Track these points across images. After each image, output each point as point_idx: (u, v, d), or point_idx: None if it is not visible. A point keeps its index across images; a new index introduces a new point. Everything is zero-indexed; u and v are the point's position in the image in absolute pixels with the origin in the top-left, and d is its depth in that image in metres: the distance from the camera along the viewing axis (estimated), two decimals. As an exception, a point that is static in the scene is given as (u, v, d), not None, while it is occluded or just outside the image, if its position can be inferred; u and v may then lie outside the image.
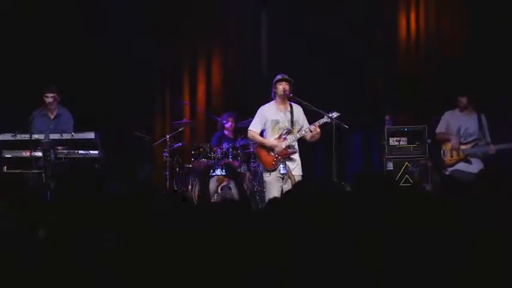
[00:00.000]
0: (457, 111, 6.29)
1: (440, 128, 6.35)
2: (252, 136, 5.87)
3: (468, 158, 6.12)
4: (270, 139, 5.70)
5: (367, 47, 7.93)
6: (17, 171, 5.90)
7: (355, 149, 7.46)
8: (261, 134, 5.81)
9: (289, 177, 5.60)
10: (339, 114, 5.65)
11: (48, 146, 5.85)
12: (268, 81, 6.02)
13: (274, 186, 5.55)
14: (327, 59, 8.11)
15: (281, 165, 5.58)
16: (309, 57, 8.11)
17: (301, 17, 8.33)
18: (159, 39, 8.39)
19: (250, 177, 7.28)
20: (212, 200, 6.85)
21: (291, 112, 5.75)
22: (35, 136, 5.91)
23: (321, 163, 7.37)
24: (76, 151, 5.96)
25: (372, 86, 7.98)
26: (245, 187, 7.01)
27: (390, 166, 6.56)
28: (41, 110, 6.45)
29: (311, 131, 5.65)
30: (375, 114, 7.27)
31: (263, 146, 5.73)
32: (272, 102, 5.83)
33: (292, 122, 5.73)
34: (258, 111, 5.84)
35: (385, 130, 7.05)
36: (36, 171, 5.82)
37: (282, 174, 5.58)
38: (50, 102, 6.39)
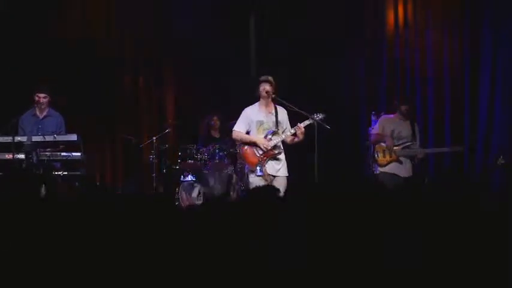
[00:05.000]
0: (392, 116, 6.55)
1: (376, 130, 6.58)
2: (237, 136, 5.86)
3: (400, 159, 6.36)
4: (255, 140, 5.70)
5: (356, 46, 7.91)
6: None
7: (343, 150, 7.41)
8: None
9: (265, 179, 5.56)
10: (323, 115, 5.62)
11: (31, 148, 5.81)
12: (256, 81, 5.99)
13: (259, 186, 5.52)
14: (316, 58, 8.10)
15: (258, 167, 5.55)
16: (298, 57, 8.09)
17: (290, 16, 8.30)
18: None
19: (237, 178, 7.24)
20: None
21: (275, 113, 5.74)
22: (18, 138, 5.87)
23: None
24: (58, 153, 5.93)
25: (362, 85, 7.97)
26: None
27: (378, 169, 6.49)
28: (30, 110, 6.42)
29: (295, 133, 5.62)
30: (362, 113, 7.23)
31: (249, 146, 5.71)
32: (256, 104, 5.83)
33: (276, 123, 5.71)
34: (243, 112, 5.84)
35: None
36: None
37: (258, 176, 5.54)
38: (40, 102, 6.35)
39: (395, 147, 6.39)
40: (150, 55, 8.52)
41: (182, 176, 7.36)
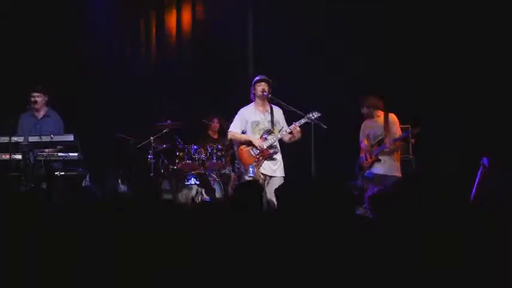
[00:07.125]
0: (368, 120, 6.46)
1: (361, 137, 6.52)
2: (233, 136, 5.85)
3: (379, 157, 6.28)
4: (251, 140, 5.68)
5: (351, 45, 7.88)
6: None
7: (340, 148, 7.37)
8: (243, 136, 5.81)
9: (258, 180, 5.54)
10: (319, 114, 5.60)
11: (28, 149, 5.82)
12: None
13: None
14: (313, 57, 8.07)
15: (250, 168, 5.54)
16: (294, 57, 8.07)
17: (288, 15, 8.27)
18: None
19: (236, 178, 7.23)
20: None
21: (271, 113, 5.74)
22: (14, 139, 5.88)
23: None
24: (55, 153, 5.94)
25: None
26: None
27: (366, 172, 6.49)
28: (29, 111, 6.42)
29: (291, 132, 5.62)
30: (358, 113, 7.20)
31: (245, 146, 5.70)
32: (252, 104, 5.83)
33: (272, 123, 5.71)
34: (238, 112, 5.84)
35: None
36: (15, 174, 5.79)
37: (249, 177, 5.51)
38: (35, 102, 6.35)
39: (372, 148, 6.34)
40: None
41: (186, 180, 7.37)
